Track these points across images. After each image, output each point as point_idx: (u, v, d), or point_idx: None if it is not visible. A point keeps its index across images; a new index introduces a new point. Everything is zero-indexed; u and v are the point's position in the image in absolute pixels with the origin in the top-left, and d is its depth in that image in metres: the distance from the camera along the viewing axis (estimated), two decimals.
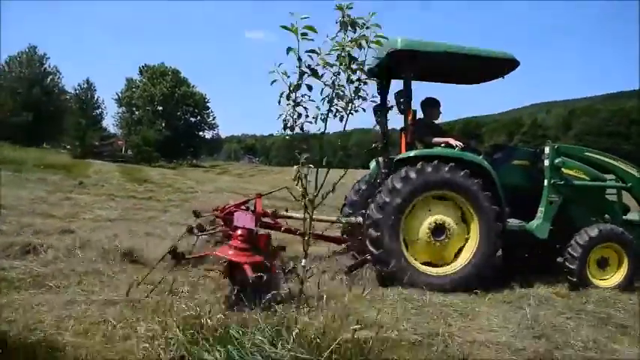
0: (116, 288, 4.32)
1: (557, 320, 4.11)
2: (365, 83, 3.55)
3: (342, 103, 3.51)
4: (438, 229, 5.15)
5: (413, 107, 5.66)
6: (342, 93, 3.50)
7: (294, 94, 3.46)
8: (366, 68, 5.93)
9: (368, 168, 6.57)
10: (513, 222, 5.58)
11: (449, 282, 5.00)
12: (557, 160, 5.56)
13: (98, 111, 56.78)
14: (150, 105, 59.56)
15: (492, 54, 5.50)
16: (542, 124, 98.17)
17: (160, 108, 61.32)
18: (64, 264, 4.97)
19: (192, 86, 64.89)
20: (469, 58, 5.48)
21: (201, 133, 68.40)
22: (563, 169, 5.62)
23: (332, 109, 3.53)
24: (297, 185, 3.54)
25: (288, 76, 3.41)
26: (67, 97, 54.11)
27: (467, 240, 5.22)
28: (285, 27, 3.27)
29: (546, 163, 5.62)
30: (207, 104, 67.00)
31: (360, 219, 5.70)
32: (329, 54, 3.40)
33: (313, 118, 3.52)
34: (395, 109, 5.72)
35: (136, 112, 60.42)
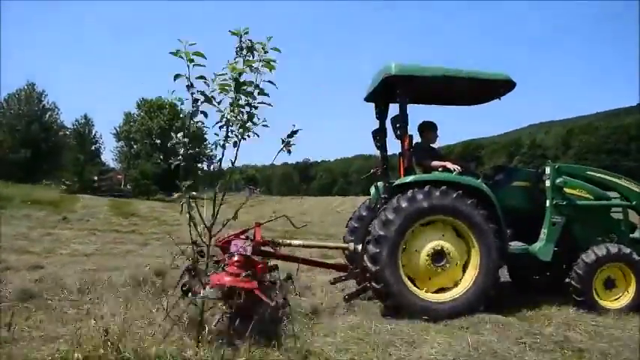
0: (65, 323, 4.29)
1: (502, 346, 3.97)
2: (255, 108, 3.61)
3: (235, 128, 3.59)
4: (438, 255, 5.08)
5: (410, 132, 5.66)
6: (234, 118, 3.55)
7: (190, 120, 3.60)
8: (365, 94, 6.06)
9: (368, 194, 6.55)
10: (516, 245, 5.53)
11: (449, 309, 4.90)
12: (558, 180, 5.52)
13: (96, 146, 57.37)
14: (147, 138, 60.16)
15: (489, 76, 5.50)
16: (541, 144, 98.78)
17: (158, 141, 61.96)
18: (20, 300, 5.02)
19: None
20: (465, 80, 5.48)
21: (200, 164, 69.06)
22: (565, 188, 5.58)
23: (229, 134, 3.60)
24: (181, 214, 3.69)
25: (182, 103, 3.52)
26: (66, 132, 54.63)
27: (468, 258, 5.16)
28: (173, 53, 3.32)
29: (547, 183, 5.59)
30: (205, 135, 67.70)
31: (359, 247, 5.57)
32: (223, 77, 3.49)
33: (212, 144, 3.63)
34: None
35: (135, 146, 60.92)
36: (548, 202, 5.57)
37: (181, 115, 63.96)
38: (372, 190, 6.33)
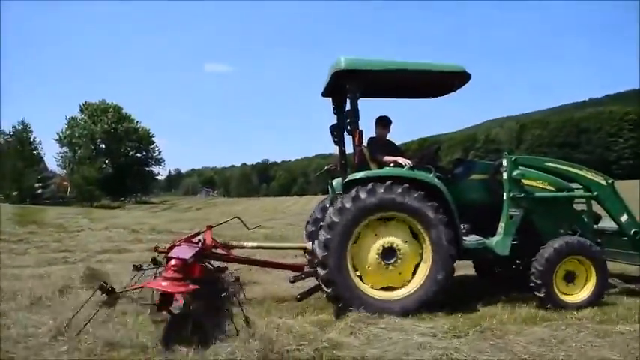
0: None
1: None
2: None
3: None
4: (388, 252, 5.04)
5: (363, 127, 5.53)
6: None
7: None
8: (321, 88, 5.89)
9: (327, 193, 6.43)
10: (472, 239, 5.48)
11: (400, 306, 4.89)
12: (515, 173, 5.43)
13: (36, 152, 54.86)
14: (92, 143, 58.70)
15: (442, 68, 5.43)
16: (495, 139, 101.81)
17: (103, 146, 60.77)
18: None
19: (136, 122, 64.80)
20: (417, 73, 5.42)
21: (148, 168, 68.02)
22: (523, 180, 5.50)
23: None
24: None
25: None
26: (2, 140, 52.13)
27: (421, 258, 5.11)
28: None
29: (505, 176, 5.50)
30: (152, 139, 67.14)
31: (315, 246, 5.52)
32: None
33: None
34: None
35: (79, 151, 59.09)
36: (505, 195, 5.49)
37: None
38: (330, 187, 6.20)
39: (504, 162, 5.52)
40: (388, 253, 5.04)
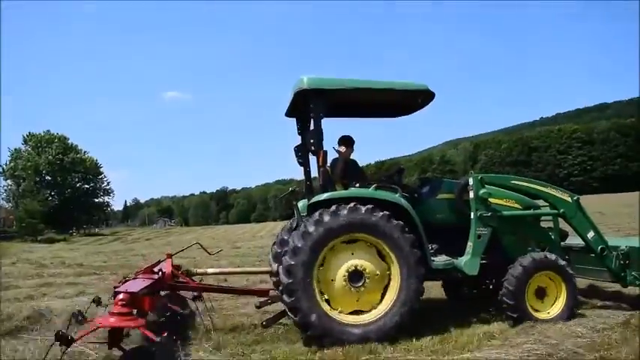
0: None
1: None
2: None
3: None
4: (355, 275, 4.94)
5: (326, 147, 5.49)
6: None
7: None
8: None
9: (287, 218, 6.33)
10: (439, 259, 5.46)
11: (372, 332, 4.80)
12: (482, 191, 5.47)
13: None
14: (36, 175, 57.05)
15: (406, 86, 5.47)
16: (450, 160, 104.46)
17: (49, 177, 59.13)
18: None
19: (84, 152, 63.66)
20: (380, 92, 5.44)
21: (97, 199, 66.63)
22: (490, 199, 5.53)
23: None
24: None
25: None
26: None
27: (389, 279, 5.05)
28: None
29: (471, 195, 5.54)
30: (100, 169, 66.17)
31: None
32: None
33: None
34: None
35: (22, 184, 57.18)
36: (472, 214, 5.51)
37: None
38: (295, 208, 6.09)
39: (471, 181, 5.54)
40: (355, 276, 4.94)
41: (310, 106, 5.32)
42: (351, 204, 4.94)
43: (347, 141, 6.03)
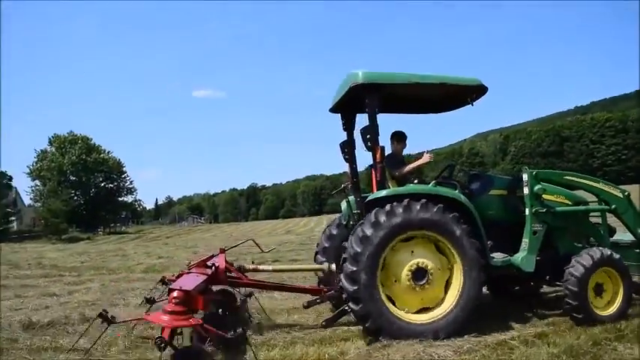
0: None
1: None
2: None
3: None
4: (419, 273, 5.01)
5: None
6: None
7: None
8: (330, 105, 5.84)
9: (314, 215, 6.41)
10: (498, 256, 5.49)
11: (441, 329, 4.88)
12: (537, 187, 5.49)
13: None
14: (60, 175, 58.98)
15: (460, 81, 5.48)
16: (479, 152, 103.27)
17: (73, 177, 61.17)
18: None
19: (107, 152, 65.39)
20: (436, 86, 5.46)
21: (121, 198, 68.54)
22: (543, 195, 5.55)
23: None
24: None
25: None
26: None
27: (450, 275, 5.13)
28: None
29: (526, 191, 5.56)
30: (124, 169, 67.98)
31: (333, 266, 5.63)
32: None
33: None
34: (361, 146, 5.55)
35: (47, 184, 59.07)
36: (527, 211, 5.54)
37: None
38: (343, 205, 6.22)
39: (525, 176, 5.57)
40: (419, 274, 5.00)
41: (365, 101, 5.35)
42: (405, 201, 4.97)
43: (400, 136, 6.10)
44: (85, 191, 61.77)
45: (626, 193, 6.00)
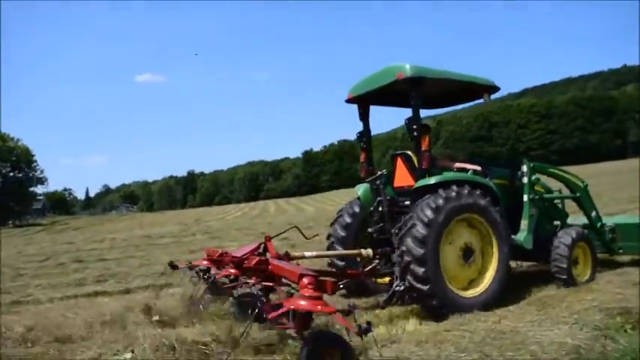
0: None
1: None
2: None
3: None
4: (467, 252, 5.86)
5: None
6: None
7: None
8: (352, 94, 6.75)
9: (250, 201, 6.70)
10: (515, 237, 6.52)
11: (481, 302, 5.65)
12: (533, 178, 6.85)
13: None
14: None
15: (482, 81, 6.52)
16: None
17: None
18: None
19: (17, 140, 61.94)
20: (463, 84, 6.48)
21: (31, 189, 65.50)
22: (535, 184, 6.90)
23: None
24: None
25: None
26: None
27: (487, 254, 5.99)
28: None
29: (525, 180, 6.82)
30: (33, 158, 64.51)
31: (370, 251, 6.21)
32: None
33: None
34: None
35: None
36: (525, 197, 6.77)
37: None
38: (360, 192, 6.85)
39: (524, 168, 6.83)
40: (467, 252, 5.84)
41: (411, 93, 6.03)
42: (454, 186, 5.70)
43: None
44: None
45: (585, 184, 7.62)
